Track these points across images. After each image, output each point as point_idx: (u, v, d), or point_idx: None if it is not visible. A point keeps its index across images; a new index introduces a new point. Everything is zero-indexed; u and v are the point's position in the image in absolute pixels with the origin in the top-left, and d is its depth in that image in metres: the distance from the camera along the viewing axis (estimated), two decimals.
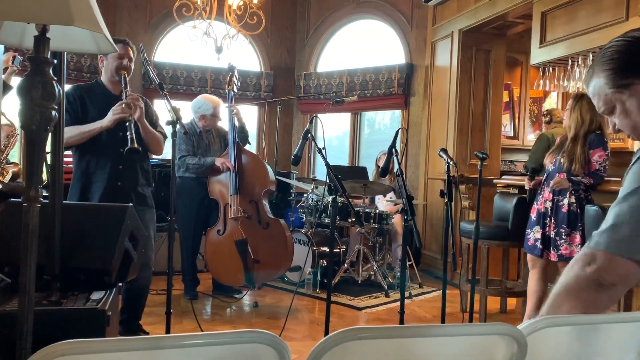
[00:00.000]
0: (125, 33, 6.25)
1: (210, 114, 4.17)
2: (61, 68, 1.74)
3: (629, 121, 1.15)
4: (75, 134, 2.77)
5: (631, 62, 1.13)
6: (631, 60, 1.13)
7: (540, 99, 6.66)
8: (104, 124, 2.79)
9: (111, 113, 2.78)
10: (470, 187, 4.99)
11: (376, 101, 6.34)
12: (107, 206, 2.16)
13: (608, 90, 1.15)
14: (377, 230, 4.82)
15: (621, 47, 1.14)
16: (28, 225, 1.28)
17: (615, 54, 1.14)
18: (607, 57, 1.15)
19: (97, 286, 1.78)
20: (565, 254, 3.21)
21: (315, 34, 6.93)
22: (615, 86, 1.14)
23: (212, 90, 6.24)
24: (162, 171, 5.04)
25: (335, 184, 2.77)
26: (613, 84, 1.14)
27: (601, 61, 1.16)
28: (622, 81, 1.13)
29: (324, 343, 0.91)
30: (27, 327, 1.28)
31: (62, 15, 1.21)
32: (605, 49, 1.17)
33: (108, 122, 2.79)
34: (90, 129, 2.80)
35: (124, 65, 2.87)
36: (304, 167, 6.94)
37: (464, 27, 5.29)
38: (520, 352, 1.01)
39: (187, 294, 4.19)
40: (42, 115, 1.28)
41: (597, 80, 1.17)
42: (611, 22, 3.63)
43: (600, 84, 1.16)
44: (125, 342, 0.87)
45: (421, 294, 4.68)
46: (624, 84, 1.13)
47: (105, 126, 2.79)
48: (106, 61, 2.92)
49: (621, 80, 1.13)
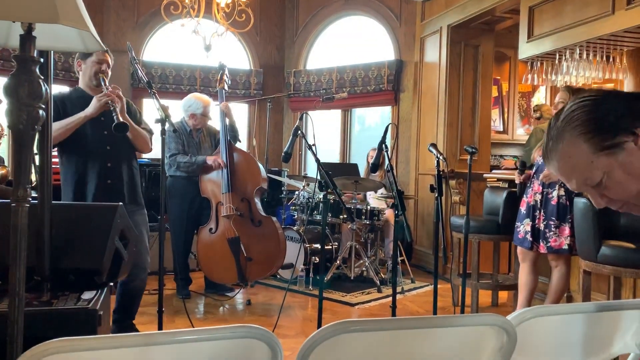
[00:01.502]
0: (113, 33, 6.21)
1: (201, 113, 4.16)
2: (48, 67, 1.72)
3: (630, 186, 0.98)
4: (59, 127, 2.75)
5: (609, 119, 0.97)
6: (608, 116, 0.97)
7: (529, 94, 6.70)
8: (87, 113, 2.77)
9: (95, 100, 2.77)
10: (461, 181, 5.02)
11: (366, 98, 6.35)
12: (96, 205, 2.16)
13: (593, 157, 0.96)
14: (369, 226, 4.83)
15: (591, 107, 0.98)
16: (17, 226, 1.27)
17: (590, 114, 0.98)
18: (579, 120, 0.97)
19: (88, 286, 1.77)
20: (555, 246, 3.25)
21: (304, 31, 6.92)
22: (603, 148, 0.96)
23: (201, 89, 6.21)
24: (152, 170, 5.02)
25: (326, 181, 2.78)
26: (600, 146, 0.96)
27: (571, 127, 0.98)
28: (611, 141, 0.96)
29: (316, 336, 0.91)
30: (18, 328, 1.27)
31: (48, 13, 1.20)
32: (567, 113, 1.00)
33: (92, 109, 2.77)
34: (74, 119, 2.77)
35: (102, 69, 2.86)
36: (295, 164, 6.94)
37: (453, 22, 5.31)
38: (509, 342, 1.02)
39: (179, 293, 4.18)
40: (29, 115, 1.27)
41: (572, 148, 0.98)
42: (597, 16, 3.66)
43: (580, 152, 0.97)
44: (116, 339, 0.87)
45: (413, 289, 4.70)
46: (615, 144, 0.96)
47: (89, 114, 2.77)
48: (84, 65, 2.91)
49: (608, 141, 0.96)
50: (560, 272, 3.32)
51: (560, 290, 3.35)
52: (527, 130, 6.64)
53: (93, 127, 2.84)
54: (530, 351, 1.12)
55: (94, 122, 2.83)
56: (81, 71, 2.94)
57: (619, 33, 3.62)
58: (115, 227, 1.87)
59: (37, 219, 1.71)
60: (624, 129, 0.96)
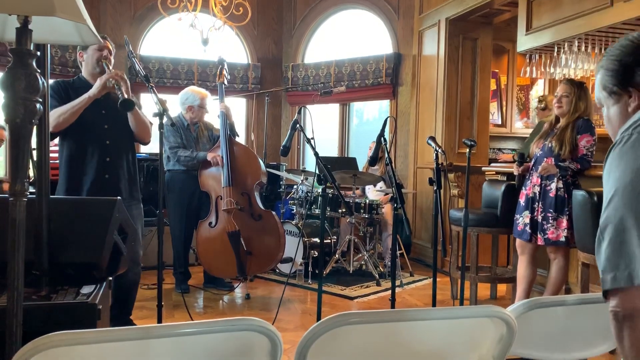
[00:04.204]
0: (110, 27, 6.18)
1: (198, 105, 4.15)
2: (45, 60, 1.71)
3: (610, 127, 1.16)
4: (65, 110, 2.73)
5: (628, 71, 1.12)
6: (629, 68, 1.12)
7: (528, 87, 6.69)
8: (91, 94, 2.75)
9: (98, 81, 2.75)
10: (459, 175, 5.02)
11: (364, 91, 6.34)
12: (95, 200, 2.15)
13: (601, 91, 1.16)
14: (368, 220, 4.83)
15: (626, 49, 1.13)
16: (15, 220, 1.27)
17: (619, 57, 1.13)
18: (613, 56, 1.14)
19: (86, 280, 1.77)
20: (552, 238, 3.25)
21: (302, 25, 6.90)
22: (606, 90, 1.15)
23: (199, 83, 6.19)
24: (150, 165, 5.01)
25: (324, 174, 2.77)
26: (605, 87, 1.15)
27: (606, 57, 1.16)
28: (614, 87, 1.13)
29: (316, 329, 0.91)
30: (17, 323, 1.27)
31: (44, 5, 1.19)
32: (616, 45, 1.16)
33: (96, 89, 2.74)
34: (80, 101, 2.75)
35: (104, 55, 2.85)
36: (293, 158, 6.93)
37: (451, 15, 5.29)
38: (509, 334, 1.02)
39: (178, 288, 4.18)
40: (26, 109, 1.26)
41: (599, 74, 1.18)
42: (596, 8, 3.65)
43: (598, 80, 1.18)
44: (116, 333, 0.87)
45: (412, 282, 4.71)
46: (614, 92, 1.13)
47: (93, 95, 2.74)
48: (86, 55, 2.90)
49: (613, 87, 1.13)
50: (559, 265, 3.33)
51: (559, 283, 3.36)
52: (526, 123, 6.64)
53: (94, 121, 2.83)
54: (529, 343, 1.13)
55: (95, 115, 2.82)
56: (83, 61, 2.93)
57: (617, 25, 3.61)
58: (114, 221, 1.86)
59: (36, 213, 1.70)
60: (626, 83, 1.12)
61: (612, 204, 0.94)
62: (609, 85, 1.13)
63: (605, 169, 1.04)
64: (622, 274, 0.88)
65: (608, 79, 1.14)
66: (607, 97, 1.15)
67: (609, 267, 0.91)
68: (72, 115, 2.75)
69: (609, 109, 1.15)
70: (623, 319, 0.89)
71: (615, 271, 0.90)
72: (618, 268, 0.89)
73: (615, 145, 1.04)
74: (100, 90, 2.75)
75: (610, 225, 0.93)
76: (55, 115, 2.69)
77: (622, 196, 0.93)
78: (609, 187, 0.98)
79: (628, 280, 0.88)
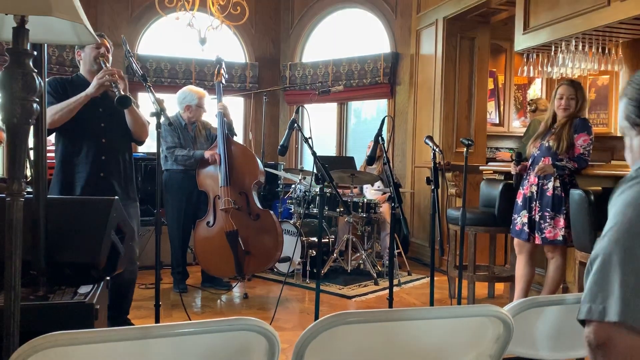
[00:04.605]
0: (107, 27, 6.17)
1: (195, 104, 4.15)
2: (42, 60, 1.71)
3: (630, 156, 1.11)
4: (62, 107, 2.72)
5: None
6: None
7: (525, 86, 6.70)
8: (88, 92, 2.74)
9: (95, 79, 2.74)
10: (457, 174, 5.03)
11: (362, 91, 6.34)
12: (92, 199, 2.14)
13: (623, 121, 1.10)
14: (366, 219, 4.83)
15: None
16: (12, 220, 1.27)
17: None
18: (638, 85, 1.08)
19: (84, 280, 1.77)
20: (549, 237, 3.26)
21: (299, 24, 6.89)
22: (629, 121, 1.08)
23: (196, 83, 6.18)
24: (147, 164, 5.00)
25: (322, 173, 2.77)
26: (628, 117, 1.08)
27: (631, 85, 1.09)
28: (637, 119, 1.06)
29: (314, 328, 0.91)
30: (14, 323, 1.27)
31: (41, 5, 1.19)
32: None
33: (93, 88, 2.74)
34: (76, 99, 2.74)
35: (101, 53, 2.85)
36: (291, 158, 6.93)
37: (448, 14, 5.30)
38: (506, 333, 1.02)
39: (176, 288, 4.18)
40: (23, 108, 1.26)
41: (622, 103, 1.12)
42: (593, 7, 3.65)
43: (622, 109, 1.11)
44: (114, 333, 0.86)
45: (410, 282, 4.71)
46: (637, 123, 1.07)
47: (90, 94, 2.74)
48: (84, 53, 2.90)
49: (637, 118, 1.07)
50: (556, 264, 3.34)
51: (557, 282, 3.37)
52: (523, 122, 6.64)
53: (90, 119, 2.83)
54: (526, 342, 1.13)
55: (92, 114, 2.81)
56: (81, 60, 2.93)
57: (614, 24, 3.62)
58: (111, 220, 1.86)
59: (33, 213, 1.70)
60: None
61: (607, 237, 0.96)
62: (632, 115, 1.07)
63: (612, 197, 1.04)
64: (597, 307, 0.91)
65: (632, 109, 1.07)
66: (630, 128, 1.09)
67: (588, 298, 0.93)
68: (69, 113, 2.74)
69: (632, 140, 1.09)
70: (596, 347, 0.91)
71: (591, 303, 0.92)
72: (595, 301, 0.91)
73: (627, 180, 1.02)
74: (98, 88, 2.74)
75: (599, 257, 0.94)
76: (51, 113, 2.68)
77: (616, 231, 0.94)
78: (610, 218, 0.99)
79: (600, 315, 0.90)
